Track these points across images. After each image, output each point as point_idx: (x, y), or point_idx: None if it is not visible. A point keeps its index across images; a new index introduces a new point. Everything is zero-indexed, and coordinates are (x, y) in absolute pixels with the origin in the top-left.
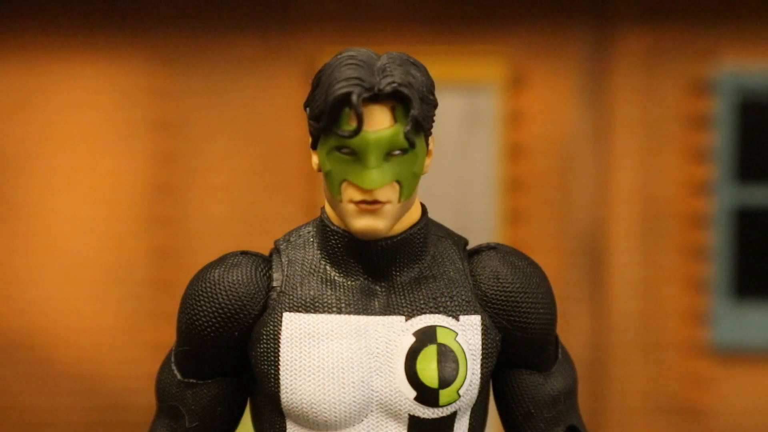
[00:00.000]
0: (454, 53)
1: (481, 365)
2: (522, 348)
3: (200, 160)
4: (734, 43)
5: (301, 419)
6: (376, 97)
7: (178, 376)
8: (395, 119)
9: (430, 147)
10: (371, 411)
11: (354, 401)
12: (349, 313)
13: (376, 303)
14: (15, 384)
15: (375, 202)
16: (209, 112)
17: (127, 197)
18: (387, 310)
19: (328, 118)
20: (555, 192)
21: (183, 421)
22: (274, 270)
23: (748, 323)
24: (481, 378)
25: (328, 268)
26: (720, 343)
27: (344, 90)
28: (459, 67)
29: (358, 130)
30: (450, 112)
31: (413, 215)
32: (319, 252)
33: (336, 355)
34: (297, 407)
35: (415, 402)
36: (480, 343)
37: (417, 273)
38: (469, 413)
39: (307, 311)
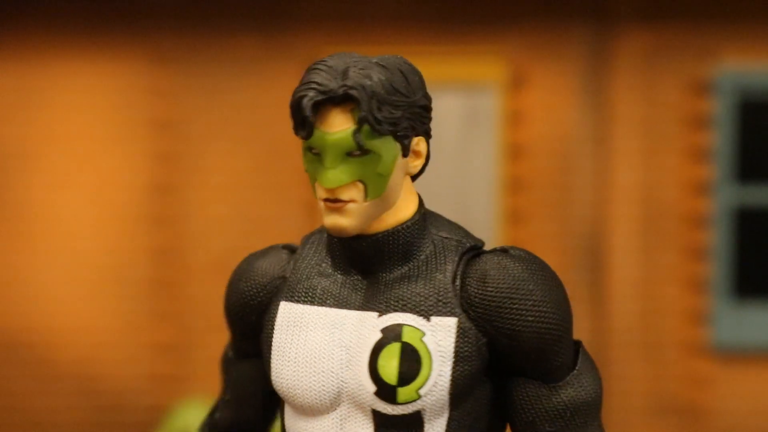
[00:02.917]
0: (454, 53)
1: (453, 368)
2: (516, 356)
3: (200, 160)
4: (734, 43)
5: (288, 401)
6: (333, 100)
7: (229, 354)
8: (353, 121)
9: (417, 148)
10: (343, 401)
11: (324, 390)
12: (330, 306)
13: (358, 298)
14: (15, 384)
15: (337, 200)
16: (209, 112)
17: (127, 197)
18: (364, 306)
19: (293, 120)
20: (555, 192)
21: (225, 392)
22: (291, 262)
23: (748, 323)
24: (453, 381)
25: (328, 262)
26: (720, 343)
27: (300, 94)
28: (459, 67)
29: (309, 132)
30: (450, 112)
31: (401, 214)
32: (324, 248)
33: (312, 345)
34: (282, 390)
35: (375, 397)
36: (453, 345)
37: (405, 272)
38: (446, 417)
39: (297, 302)
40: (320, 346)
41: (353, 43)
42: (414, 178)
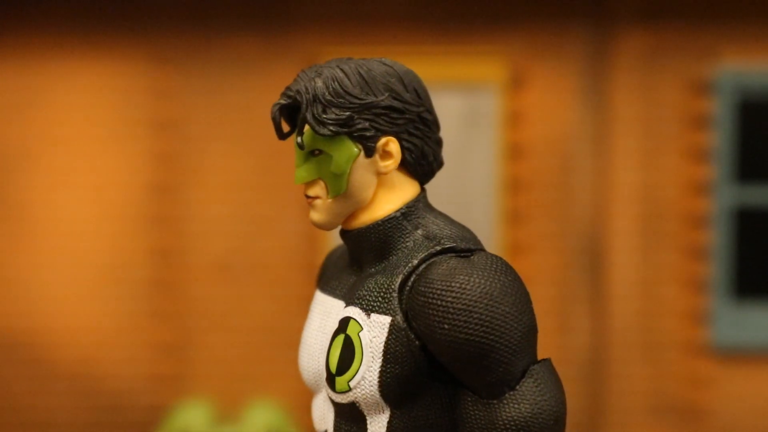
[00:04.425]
0: (454, 53)
1: (382, 366)
2: (447, 364)
3: (200, 160)
4: (734, 43)
5: None
6: (296, 104)
7: None
8: None
9: (387, 148)
10: (323, 383)
11: (311, 371)
12: (328, 294)
13: (343, 288)
14: (15, 384)
15: (307, 196)
16: (209, 112)
17: (127, 197)
18: (343, 296)
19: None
20: (555, 192)
21: None
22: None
23: (748, 323)
24: (380, 379)
25: (346, 255)
26: (720, 343)
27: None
28: (459, 67)
29: (278, 134)
30: (450, 112)
31: (377, 212)
32: None
33: (310, 329)
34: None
35: (325, 382)
36: (383, 343)
37: (379, 269)
38: (387, 414)
39: (318, 288)
40: (312, 330)
41: (353, 43)
42: (423, 180)
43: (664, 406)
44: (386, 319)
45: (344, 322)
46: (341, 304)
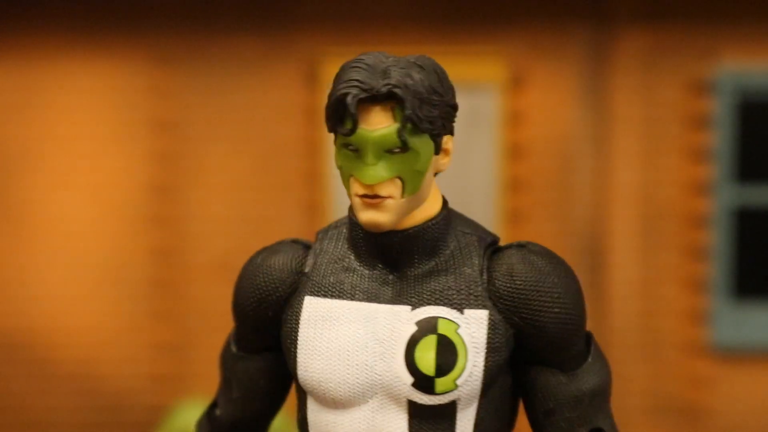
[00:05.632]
0: (454, 53)
1: (486, 359)
2: (540, 346)
3: (200, 160)
4: (734, 43)
5: (315, 395)
6: (375, 98)
7: (233, 350)
8: (395, 119)
9: (447, 146)
10: (376, 393)
11: (358, 382)
12: (362, 300)
13: (388, 292)
14: (15, 384)
15: (375, 196)
16: (209, 112)
17: (127, 197)
18: (396, 300)
19: (333, 117)
20: (555, 192)
21: (232, 391)
22: (309, 257)
23: (748, 323)
24: (485, 371)
25: (351, 257)
26: (720, 343)
27: (343, 91)
28: (459, 67)
29: (353, 129)
30: None
31: (429, 210)
32: (347, 243)
33: (344, 338)
34: (310, 384)
35: (413, 388)
36: (485, 337)
37: (433, 266)
38: (475, 405)
39: (325, 296)
40: (354, 339)
41: (353, 43)
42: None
43: (664, 406)
44: (483, 313)
45: (429, 323)
46: (398, 307)
